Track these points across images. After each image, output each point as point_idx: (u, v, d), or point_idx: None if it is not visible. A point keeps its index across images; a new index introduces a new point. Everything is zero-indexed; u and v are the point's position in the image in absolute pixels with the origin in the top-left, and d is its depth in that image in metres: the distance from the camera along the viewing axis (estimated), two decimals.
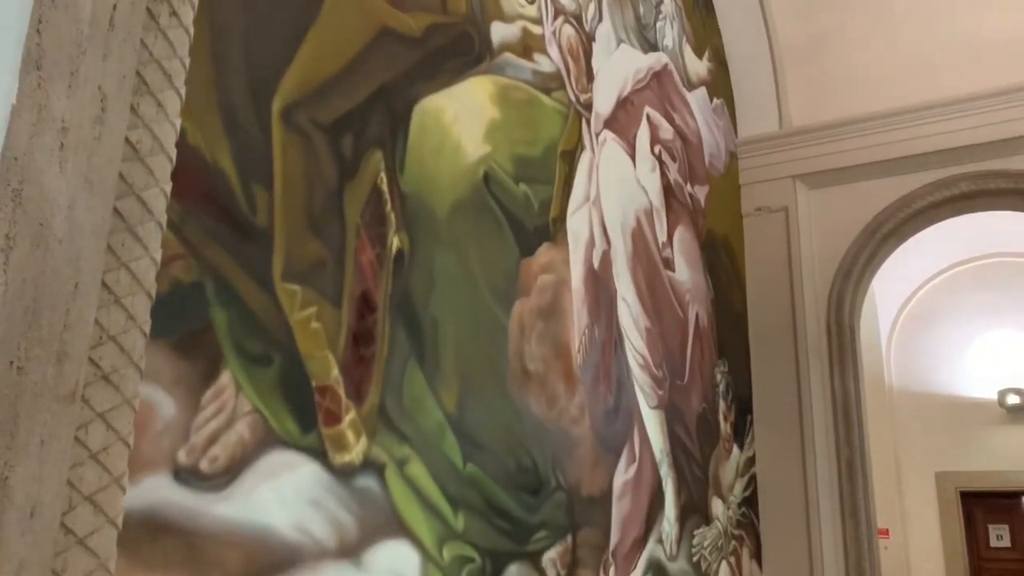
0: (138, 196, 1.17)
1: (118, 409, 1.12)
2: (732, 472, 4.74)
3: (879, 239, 5.17)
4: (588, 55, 3.82)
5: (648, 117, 4.33)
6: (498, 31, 3.16)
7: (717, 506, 4.48)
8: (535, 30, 3.40)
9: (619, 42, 4.16)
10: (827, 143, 5.31)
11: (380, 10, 2.59)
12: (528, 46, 3.34)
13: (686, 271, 4.56)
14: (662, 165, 4.42)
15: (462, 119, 2.91)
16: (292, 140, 2.24)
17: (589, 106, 3.77)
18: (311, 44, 2.33)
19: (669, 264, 4.38)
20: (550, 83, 3.48)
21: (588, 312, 3.55)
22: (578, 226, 3.55)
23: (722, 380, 4.82)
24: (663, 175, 4.42)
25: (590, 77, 3.80)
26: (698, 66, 5.13)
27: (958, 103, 5.00)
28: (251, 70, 2.13)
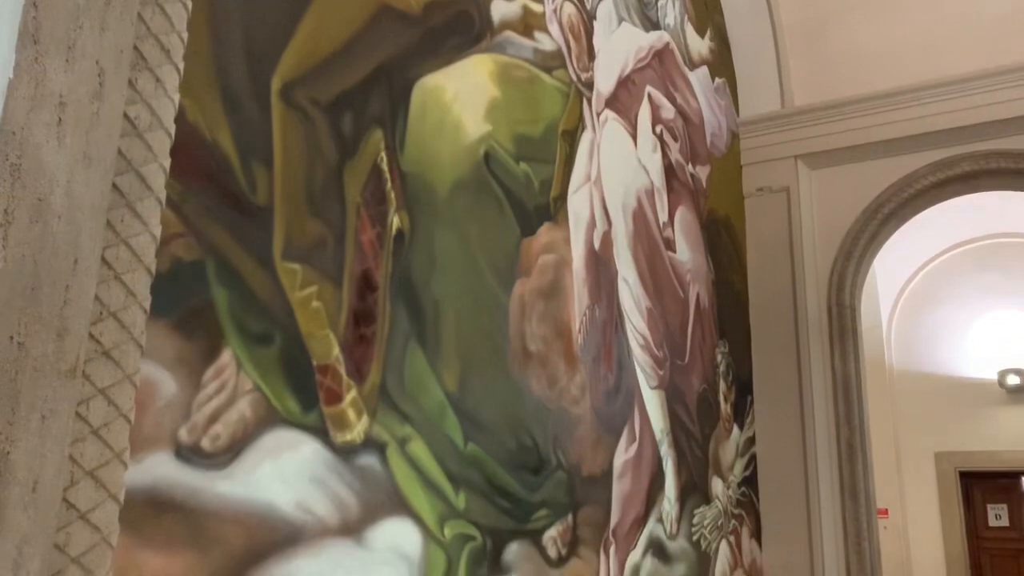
0: (137, 172, 1.17)
1: (119, 385, 1.12)
2: (732, 452, 4.76)
3: (880, 219, 5.16)
4: (589, 33, 3.80)
5: (649, 96, 4.31)
6: (498, 9, 3.14)
7: (717, 486, 4.50)
8: (536, 8, 3.37)
9: (620, 20, 4.13)
10: (829, 123, 5.28)
11: None
12: (529, 24, 3.31)
13: (687, 251, 4.55)
14: (663, 145, 4.40)
15: (462, 98, 2.90)
16: (291, 118, 2.23)
17: (590, 85, 3.75)
18: (310, 21, 2.31)
19: (670, 244, 4.37)
20: (551, 62, 3.45)
21: (589, 292, 3.55)
22: (579, 206, 3.54)
23: (722, 360, 4.82)
24: (664, 155, 4.40)
25: (591, 56, 3.78)
26: (700, 45, 5.09)
27: (960, 83, 4.97)
28: (250, 47, 2.12)
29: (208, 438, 1.89)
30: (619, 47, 4.08)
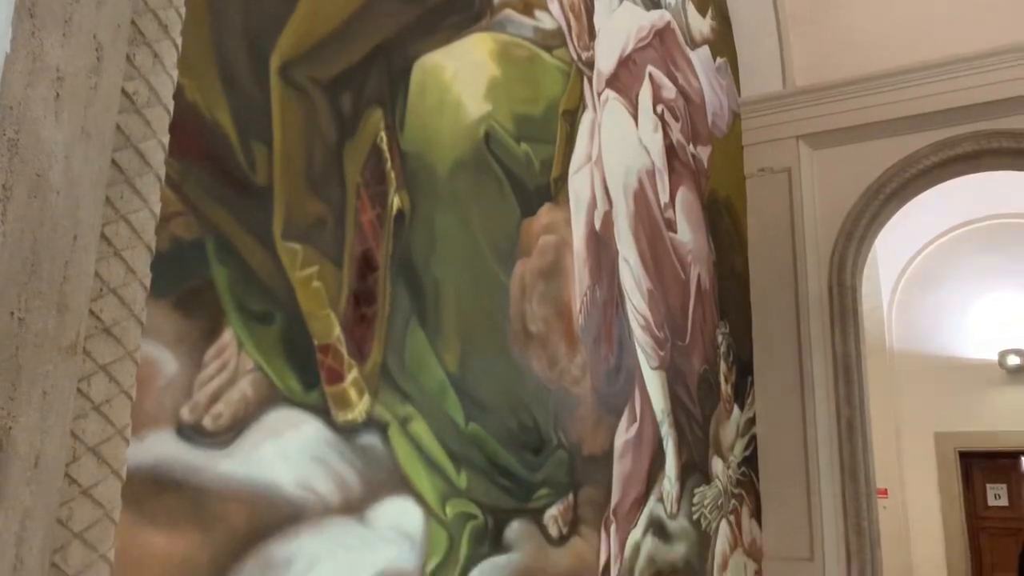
0: (136, 148, 1.16)
1: (120, 362, 1.12)
2: (732, 432, 4.77)
3: (882, 200, 5.14)
4: (590, 12, 3.77)
5: (650, 76, 4.28)
6: None
7: (717, 465, 4.52)
8: None
9: None
10: (831, 103, 5.26)
11: None
12: (529, 3, 3.29)
13: (688, 232, 4.54)
14: (664, 125, 4.38)
15: (462, 77, 2.88)
16: (291, 97, 2.22)
17: (591, 64, 3.73)
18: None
19: (671, 225, 4.36)
20: (551, 40, 3.43)
21: (589, 273, 3.54)
22: (580, 186, 3.53)
23: (723, 341, 4.83)
24: (665, 135, 4.38)
25: (592, 35, 3.76)
26: (701, 24, 5.06)
27: (963, 61, 4.94)
28: (248, 25, 2.11)
29: (210, 417, 1.90)
30: (620, 26, 4.06)
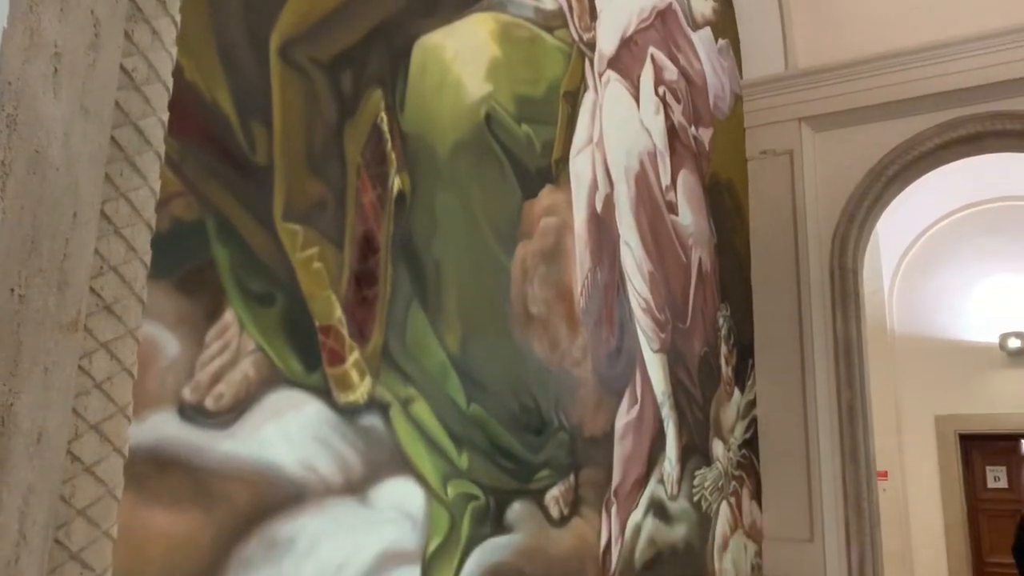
0: (135, 125, 1.15)
1: (121, 340, 1.12)
2: (733, 414, 4.78)
3: (884, 182, 5.13)
4: None
5: (652, 57, 4.26)
6: None
7: (718, 447, 4.53)
8: None
9: None
10: (833, 84, 5.23)
11: None
12: None
13: (689, 215, 4.53)
14: (666, 107, 4.36)
15: (463, 57, 2.87)
16: (291, 77, 2.21)
17: (592, 45, 3.71)
18: None
19: (672, 208, 4.35)
20: (552, 21, 3.41)
21: (591, 255, 3.54)
22: (581, 168, 3.52)
23: (724, 324, 4.83)
24: (667, 117, 4.36)
25: (593, 15, 3.73)
26: (703, 5, 5.03)
27: (966, 43, 4.91)
28: (248, 4, 2.09)
29: (212, 397, 1.90)
30: (621, 7, 4.03)
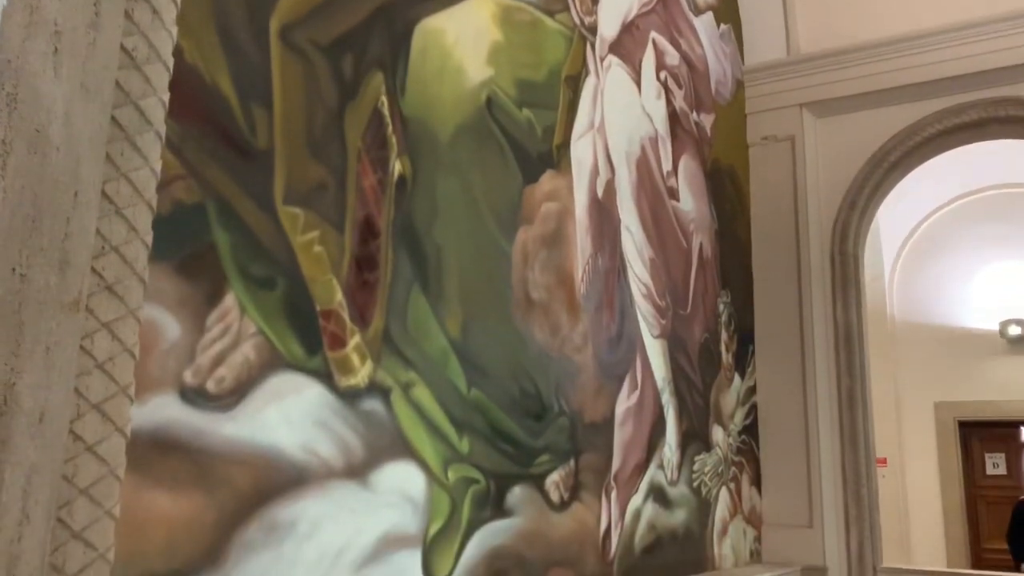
0: (136, 105, 1.15)
1: (123, 320, 1.12)
2: (733, 400, 4.79)
3: (886, 168, 5.11)
4: None
5: (654, 42, 4.24)
6: None
7: (718, 433, 4.54)
8: None
9: None
10: (835, 70, 5.21)
11: None
12: None
13: (690, 201, 4.53)
14: (668, 92, 4.35)
15: (464, 41, 2.85)
16: (291, 60, 2.20)
17: (594, 29, 3.69)
18: None
19: (674, 194, 4.35)
20: (554, 5, 3.39)
21: (592, 241, 3.54)
22: (582, 153, 3.51)
23: (724, 310, 4.83)
24: (668, 102, 4.35)
25: None
26: None
27: (969, 28, 4.88)
28: None
29: (213, 380, 1.90)
30: None
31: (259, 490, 1.98)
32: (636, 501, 3.64)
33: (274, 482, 2.02)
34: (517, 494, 2.88)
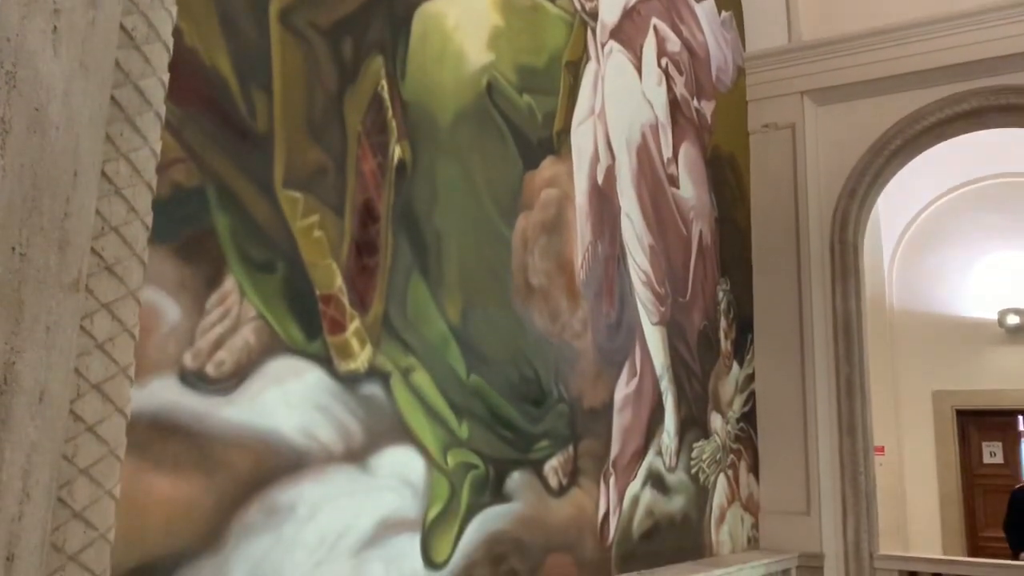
0: (135, 85, 1.14)
1: (123, 300, 1.12)
2: (731, 388, 4.79)
3: (886, 156, 5.10)
4: None
5: (655, 28, 4.22)
6: None
7: (716, 421, 4.55)
8: None
9: None
10: (836, 58, 5.19)
11: None
12: None
13: (691, 188, 4.52)
14: (668, 79, 4.33)
15: (464, 25, 2.84)
16: (291, 43, 2.19)
17: (595, 15, 3.67)
18: None
19: (674, 181, 4.34)
20: None
21: (592, 227, 3.53)
22: (583, 140, 3.50)
23: (724, 297, 4.83)
24: (669, 89, 4.33)
25: None
26: None
27: (970, 16, 4.86)
28: None
29: (212, 364, 1.90)
30: None
31: (259, 473, 1.99)
32: (634, 487, 3.65)
33: (274, 465, 2.03)
34: (516, 479, 2.88)
